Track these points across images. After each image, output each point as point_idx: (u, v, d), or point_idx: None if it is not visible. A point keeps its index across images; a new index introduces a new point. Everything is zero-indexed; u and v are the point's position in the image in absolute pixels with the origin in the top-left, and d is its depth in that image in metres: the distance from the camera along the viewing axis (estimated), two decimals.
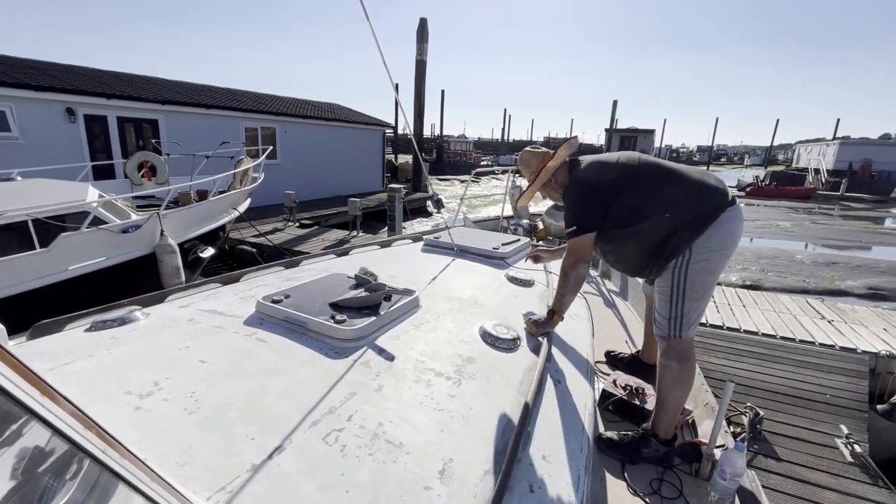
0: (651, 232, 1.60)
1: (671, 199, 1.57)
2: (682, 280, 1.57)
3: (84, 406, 0.60)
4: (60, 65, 10.34)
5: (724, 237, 1.55)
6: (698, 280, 1.57)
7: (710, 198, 1.56)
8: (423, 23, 14.19)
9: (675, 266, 1.58)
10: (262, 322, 1.27)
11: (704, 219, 1.53)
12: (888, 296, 7.25)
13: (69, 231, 4.10)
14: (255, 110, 11.79)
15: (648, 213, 1.59)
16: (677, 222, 1.55)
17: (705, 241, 1.53)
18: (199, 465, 0.74)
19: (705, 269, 1.56)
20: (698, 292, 1.58)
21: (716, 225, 1.53)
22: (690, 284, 1.57)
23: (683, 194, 1.57)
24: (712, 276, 1.59)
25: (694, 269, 1.55)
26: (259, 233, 8.07)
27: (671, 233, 1.56)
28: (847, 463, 2.58)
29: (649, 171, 1.64)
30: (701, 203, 1.56)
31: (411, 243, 2.59)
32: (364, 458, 0.80)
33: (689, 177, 1.61)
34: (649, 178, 1.62)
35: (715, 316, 4.77)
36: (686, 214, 1.55)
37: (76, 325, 1.26)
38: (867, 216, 17.58)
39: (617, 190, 1.63)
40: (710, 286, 1.61)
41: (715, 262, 1.56)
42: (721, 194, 1.57)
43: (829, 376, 3.51)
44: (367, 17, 1.34)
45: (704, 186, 1.59)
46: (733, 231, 1.56)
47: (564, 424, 1.07)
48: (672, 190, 1.58)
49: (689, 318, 1.60)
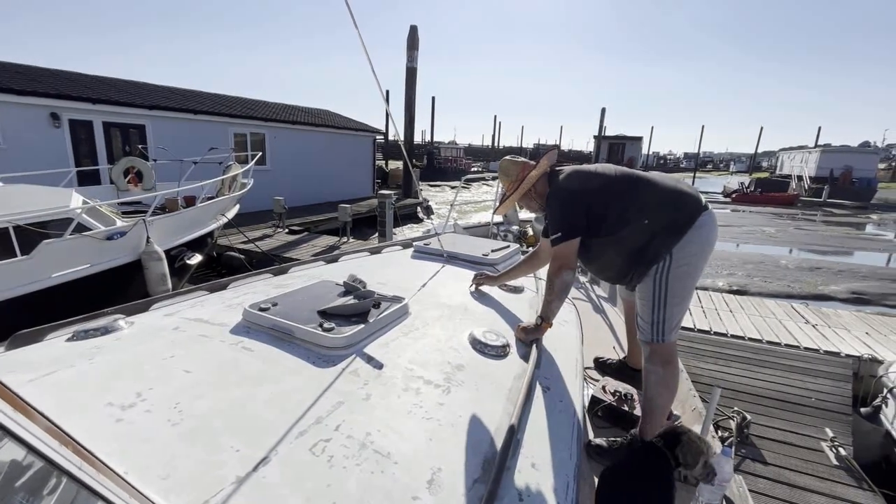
0: (631, 238, 1.63)
1: (649, 206, 1.61)
2: (664, 285, 1.60)
3: (63, 419, 0.59)
4: (45, 69, 10.19)
5: (702, 242, 1.60)
6: (679, 285, 1.60)
7: (686, 204, 1.61)
8: (413, 30, 14.27)
9: (657, 272, 1.61)
10: (248, 330, 1.25)
11: (682, 224, 1.57)
12: (870, 300, 7.40)
13: (52, 238, 4.02)
14: (244, 116, 11.72)
15: (628, 220, 1.63)
16: (656, 228, 1.59)
17: (684, 246, 1.57)
18: (182, 478, 0.72)
19: (685, 273, 1.60)
20: (679, 297, 1.62)
21: (693, 230, 1.57)
22: (671, 289, 1.60)
23: (660, 201, 1.62)
24: (691, 280, 1.63)
25: (674, 275, 1.59)
26: (248, 239, 7.99)
27: (651, 238, 1.60)
28: (832, 466, 2.61)
29: (626, 179, 1.69)
30: (677, 209, 1.60)
31: (401, 250, 2.59)
32: (352, 468, 0.79)
33: (663, 184, 1.66)
34: (626, 187, 1.67)
35: (702, 321, 4.83)
36: (664, 220, 1.59)
37: (57, 334, 1.23)
38: (849, 222, 17.97)
39: (598, 198, 1.67)
40: (689, 290, 1.65)
41: (693, 266, 1.61)
42: (695, 200, 1.62)
43: (813, 380, 3.56)
44: (355, 25, 1.35)
45: (679, 192, 1.64)
46: (709, 235, 1.61)
47: (553, 431, 1.07)
48: (649, 197, 1.63)
49: (671, 322, 1.64)
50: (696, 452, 1.47)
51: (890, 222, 18.61)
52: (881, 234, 15.68)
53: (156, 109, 9.70)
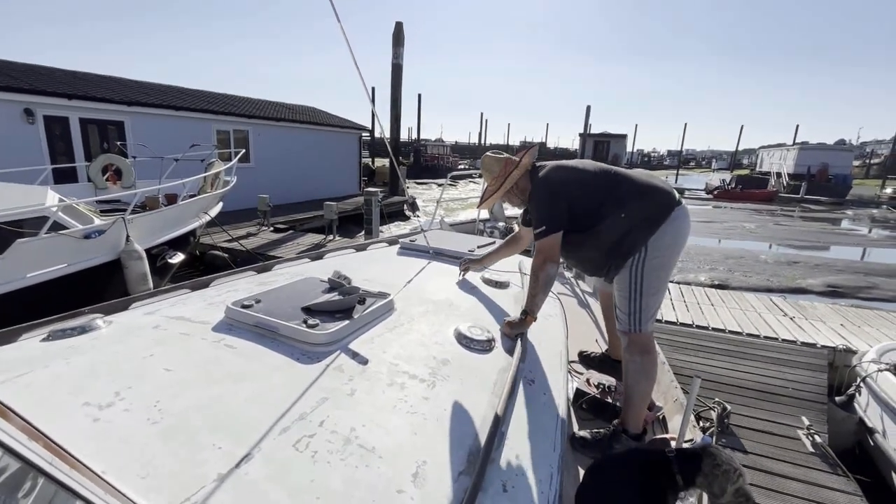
0: (608, 231, 1.69)
1: (625, 200, 1.67)
2: (640, 277, 1.67)
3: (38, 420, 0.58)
4: (19, 63, 9.86)
5: (676, 235, 1.67)
6: (654, 276, 1.67)
7: (660, 198, 1.68)
8: (398, 27, 14.18)
9: (633, 264, 1.67)
10: (231, 328, 1.24)
11: (656, 218, 1.64)
12: (845, 293, 7.62)
13: (26, 237, 3.90)
14: (227, 112, 11.51)
15: (606, 214, 1.68)
16: (632, 221, 1.66)
17: (659, 239, 1.64)
18: (162, 476, 0.71)
19: (660, 265, 1.67)
20: (654, 287, 1.69)
21: (667, 223, 1.64)
22: (647, 280, 1.67)
23: (636, 194, 1.68)
24: (665, 272, 1.70)
25: (650, 266, 1.66)
26: (232, 238, 7.87)
27: (627, 231, 1.66)
28: (808, 453, 2.69)
29: (604, 174, 1.75)
30: (652, 202, 1.67)
31: (387, 247, 2.58)
32: (336, 463, 0.79)
33: (639, 180, 1.73)
34: (605, 182, 1.73)
35: (685, 314, 4.92)
36: (639, 213, 1.65)
37: (32, 334, 1.20)
38: (825, 217, 18.47)
39: (578, 192, 1.72)
40: (664, 281, 1.72)
41: (667, 258, 1.68)
42: (669, 195, 1.69)
43: (791, 370, 3.66)
44: (338, 20, 1.33)
45: (653, 188, 1.70)
46: (682, 228, 1.69)
47: (537, 424, 1.08)
48: (625, 191, 1.69)
49: (648, 312, 1.70)
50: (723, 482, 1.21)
51: (864, 217, 19.19)
52: (856, 230, 16.16)
53: (135, 105, 9.46)
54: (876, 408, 2.99)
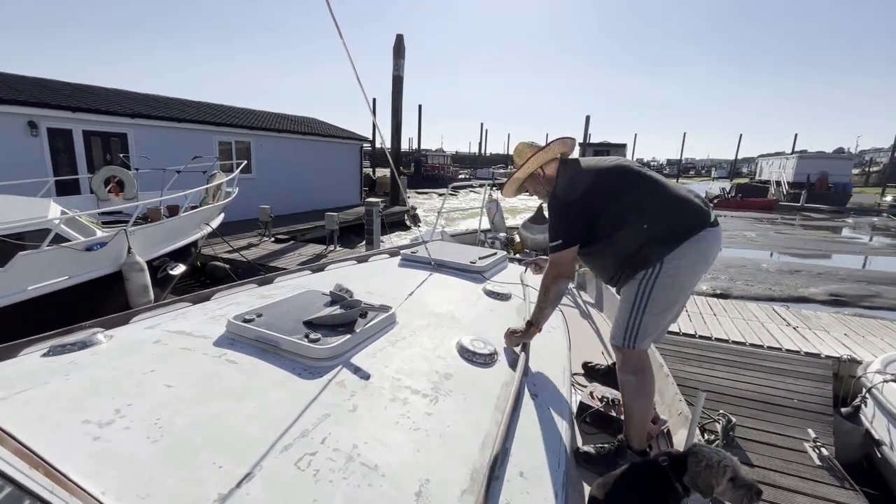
0: (627, 240, 1.60)
1: (650, 211, 1.58)
2: (648, 292, 1.57)
3: (35, 439, 0.57)
4: (24, 77, 9.98)
5: (698, 256, 1.56)
6: (663, 294, 1.57)
7: (690, 215, 1.58)
8: (399, 39, 14.35)
9: (644, 277, 1.58)
10: (232, 342, 1.23)
11: (680, 235, 1.54)
12: (848, 301, 7.59)
13: (29, 249, 3.91)
14: (229, 124, 11.60)
15: (627, 223, 1.60)
16: (653, 233, 1.56)
17: (677, 257, 1.53)
18: (162, 496, 0.70)
19: (672, 284, 1.57)
20: (660, 307, 1.59)
21: (690, 242, 1.53)
22: (654, 298, 1.57)
23: (664, 207, 1.59)
24: (677, 293, 1.60)
25: (661, 284, 1.56)
26: (233, 248, 7.88)
27: (645, 243, 1.57)
28: (815, 466, 2.65)
29: (634, 180, 1.65)
30: (679, 219, 1.57)
31: (388, 258, 2.58)
32: (338, 482, 0.78)
33: (674, 192, 1.63)
34: (631, 189, 1.63)
35: (687, 325, 4.89)
36: (662, 226, 1.56)
37: (32, 349, 1.19)
38: (826, 226, 18.47)
39: (599, 200, 1.63)
40: (673, 302, 1.62)
41: (682, 279, 1.58)
42: (702, 214, 1.59)
43: (796, 381, 3.63)
44: (340, 34, 1.35)
45: (687, 203, 1.60)
46: (706, 251, 1.57)
47: (542, 439, 1.07)
48: (652, 201, 1.60)
49: (645, 330, 1.61)
50: (707, 478, 1.18)
51: (865, 225, 19.19)
52: (857, 238, 16.15)
53: (138, 118, 9.55)
54: (882, 419, 2.95)
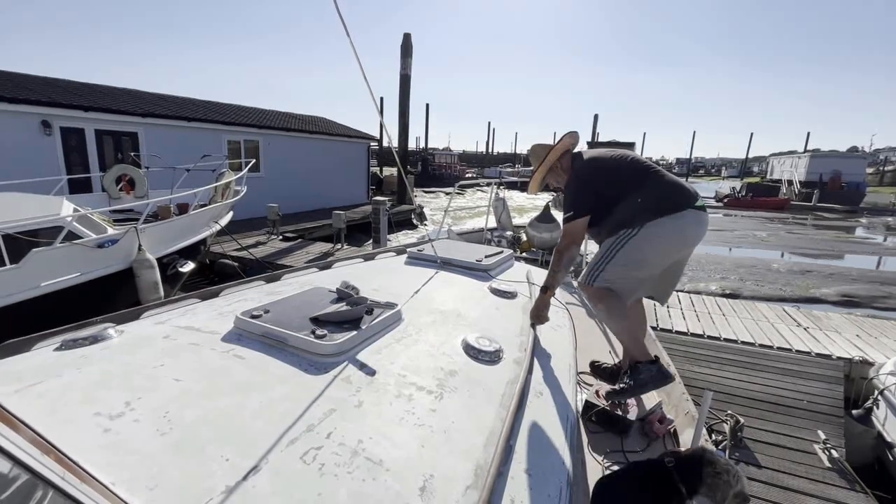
0: (621, 210, 1.86)
1: (645, 188, 1.84)
2: (620, 246, 1.83)
3: (49, 430, 0.58)
4: (37, 77, 10.14)
5: (674, 229, 1.79)
6: (631, 252, 1.81)
7: (677, 195, 1.83)
8: (406, 38, 14.37)
9: (623, 234, 1.84)
10: (240, 338, 1.24)
11: (664, 208, 1.79)
12: (860, 302, 7.48)
13: (42, 246, 3.98)
14: (238, 123, 11.70)
15: (626, 197, 1.85)
16: (643, 205, 1.81)
17: (656, 226, 1.78)
18: (170, 488, 0.71)
19: (642, 247, 1.80)
20: (624, 261, 1.83)
21: (673, 216, 1.77)
22: (623, 251, 1.82)
23: (657, 185, 1.86)
24: (645, 255, 1.82)
25: (633, 243, 1.81)
26: (241, 246, 7.95)
27: (634, 211, 1.82)
28: (825, 468, 2.62)
29: (637, 168, 1.92)
30: (668, 197, 1.82)
31: (395, 256, 2.59)
32: (343, 476, 0.78)
33: (667, 177, 1.90)
34: (634, 174, 1.90)
35: (696, 325, 4.86)
36: (651, 200, 1.81)
37: (45, 344, 1.21)
38: (839, 226, 18.20)
39: (607, 184, 1.91)
40: (638, 262, 1.84)
41: (655, 245, 1.81)
42: (688, 195, 1.83)
43: (806, 383, 3.59)
44: (347, 34, 1.36)
45: (677, 185, 1.87)
46: (684, 228, 1.81)
47: (546, 437, 1.07)
48: (650, 182, 1.86)
49: (605, 275, 1.86)
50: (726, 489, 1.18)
51: (879, 225, 18.86)
52: (871, 238, 15.90)
53: (149, 117, 9.67)
54: (895, 421, 2.91)
